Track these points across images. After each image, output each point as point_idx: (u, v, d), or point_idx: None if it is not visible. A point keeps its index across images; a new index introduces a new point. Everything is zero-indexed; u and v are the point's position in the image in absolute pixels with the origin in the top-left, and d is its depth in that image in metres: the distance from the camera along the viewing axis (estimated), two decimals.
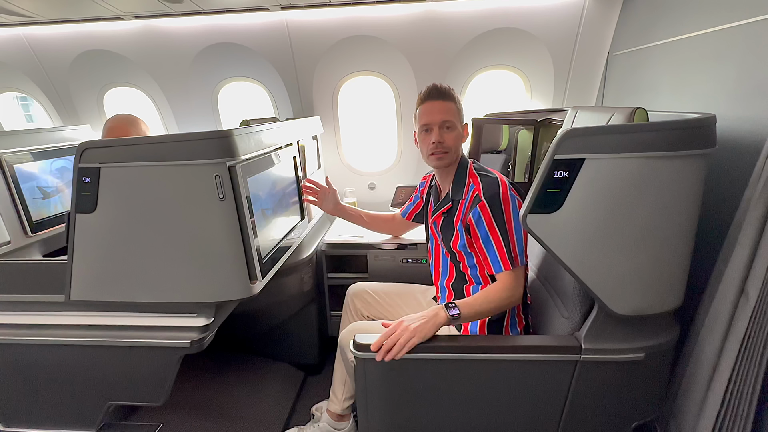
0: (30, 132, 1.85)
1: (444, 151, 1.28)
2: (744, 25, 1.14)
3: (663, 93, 1.50)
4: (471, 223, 1.24)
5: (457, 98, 1.31)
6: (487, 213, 1.20)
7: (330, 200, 1.74)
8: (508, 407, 1.15)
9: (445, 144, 1.28)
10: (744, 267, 1.02)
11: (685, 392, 1.17)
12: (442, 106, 1.28)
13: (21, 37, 2.21)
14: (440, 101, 1.28)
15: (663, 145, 0.88)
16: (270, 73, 2.25)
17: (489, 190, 1.22)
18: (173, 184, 1.10)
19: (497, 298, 1.17)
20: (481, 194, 1.22)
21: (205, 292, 1.19)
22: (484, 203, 1.21)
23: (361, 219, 1.78)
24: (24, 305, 1.32)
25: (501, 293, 1.17)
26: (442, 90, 1.29)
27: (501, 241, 1.19)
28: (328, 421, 1.51)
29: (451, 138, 1.28)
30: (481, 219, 1.21)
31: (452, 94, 1.30)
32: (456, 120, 1.29)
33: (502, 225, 1.19)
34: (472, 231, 1.25)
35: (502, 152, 1.93)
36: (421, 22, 2.00)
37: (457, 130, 1.30)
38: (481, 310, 1.16)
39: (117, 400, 1.38)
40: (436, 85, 1.29)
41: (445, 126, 1.28)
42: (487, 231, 1.21)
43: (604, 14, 1.86)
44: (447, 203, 1.34)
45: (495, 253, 1.20)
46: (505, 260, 1.19)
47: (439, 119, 1.27)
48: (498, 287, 1.19)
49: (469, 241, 1.28)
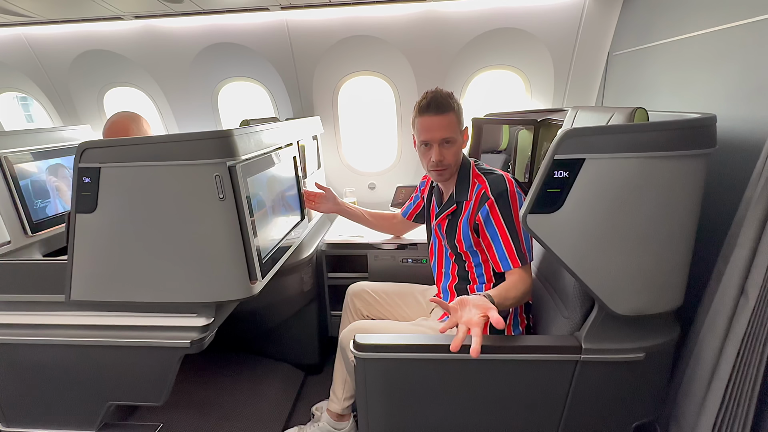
0: (30, 132, 1.85)
1: (444, 168, 1.28)
2: (744, 25, 1.14)
3: (663, 93, 1.50)
4: (480, 222, 1.24)
5: (456, 106, 1.25)
6: (495, 211, 1.20)
7: (329, 200, 1.72)
8: (508, 407, 1.15)
9: (444, 161, 1.26)
10: (744, 267, 1.02)
11: (685, 392, 1.17)
12: (441, 122, 1.23)
13: (21, 37, 2.21)
14: (439, 116, 1.22)
15: (663, 145, 0.88)
16: (270, 73, 2.25)
17: (497, 188, 1.22)
18: (173, 184, 1.10)
19: (516, 289, 1.14)
20: (488, 192, 1.22)
21: (205, 292, 1.19)
22: (493, 201, 1.21)
23: (363, 217, 1.78)
24: (24, 305, 1.31)
25: (518, 285, 1.15)
26: (441, 102, 1.22)
27: (509, 239, 1.19)
28: (329, 420, 1.51)
29: (450, 154, 1.26)
30: (490, 217, 1.21)
31: (451, 103, 1.24)
32: (455, 133, 1.26)
33: (510, 222, 1.19)
34: (481, 230, 1.24)
35: (502, 152, 1.93)
36: (421, 22, 2.00)
37: (458, 142, 1.27)
38: (508, 297, 1.11)
39: (117, 400, 1.38)
40: (435, 97, 1.23)
41: (445, 142, 1.25)
42: (496, 229, 1.20)
43: (604, 14, 1.86)
44: (452, 205, 1.33)
45: (503, 251, 1.20)
46: (513, 258, 1.19)
47: (439, 137, 1.24)
48: (514, 279, 1.17)
49: (476, 240, 1.28)
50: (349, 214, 1.76)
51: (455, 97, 1.27)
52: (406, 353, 1.10)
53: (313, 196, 1.72)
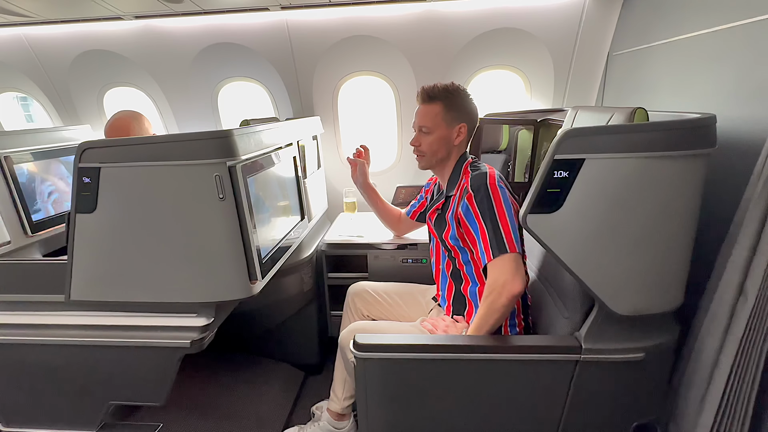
0: (30, 132, 1.85)
1: (420, 153, 1.35)
2: (744, 25, 1.14)
3: (663, 93, 1.50)
4: (461, 216, 1.25)
5: (448, 97, 1.29)
6: (473, 203, 1.21)
7: (363, 173, 1.75)
8: (508, 407, 1.15)
9: (420, 148, 1.34)
10: (743, 267, 1.02)
11: (685, 392, 1.17)
12: (422, 111, 1.32)
13: (21, 37, 2.21)
14: (423, 105, 1.31)
15: (663, 145, 0.88)
16: (270, 73, 2.25)
17: (476, 181, 1.23)
18: (173, 184, 1.10)
19: (491, 300, 1.13)
20: (468, 186, 1.24)
21: (205, 292, 1.19)
22: (471, 195, 1.22)
23: (378, 205, 1.80)
24: (24, 305, 1.32)
25: (491, 289, 1.13)
26: (429, 92, 1.30)
27: (485, 232, 1.17)
28: (329, 420, 1.51)
29: (426, 142, 1.32)
30: (469, 210, 1.22)
31: (439, 94, 1.28)
32: (433, 123, 1.30)
33: (487, 214, 1.18)
34: (463, 224, 1.26)
35: (502, 152, 1.93)
36: (421, 22, 2.00)
37: (436, 133, 1.30)
38: (486, 324, 1.14)
39: (117, 400, 1.38)
40: (423, 87, 1.31)
41: (422, 131, 1.32)
42: (475, 221, 1.21)
43: (604, 14, 1.86)
44: (441, 199, 1.37)
45: (481, 245, 1.19)
46: (488, 250, 1.16)
47: (418, 124, 1.33)
48: (487, 284, 1.15)
49: (460, 234, 1.28)
50: (370, 195, 1.78)
51: (457, 92, 1.30)
52: (406, 353, 1.10)
53: (361, 155, 1.77)
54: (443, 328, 1.28)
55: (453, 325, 1.30)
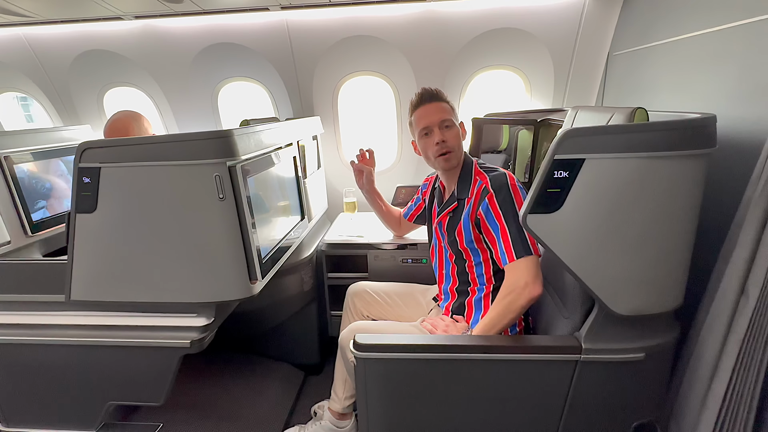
0: (30, 132, 1.85)
1: (449, 150, 1.30)
2: (744, 25, 1.14)
3: (663, 93, 1.50)
4: (481, 216, 1.24)
5: (448, 99, 1.34)
6: (494, 204, 1.21)
7: (370, 180, 1.74)
8: (508, 407, 1.15)
9: (448, 143, 1.29)
10: (744, 267, 1.02)
11: (685, 392, 1.17)
12: (437, 107, 1.30)
13: (21, 37, 2.21)
14: (434, 103, 1.30)
15: (663, 145, 0.88)
16: (270, 73, 2.25)
17: (497, 181, 1.23)
18: (173, 184, 1.10)
19: (510, 300, 1.14)
20: (489, 186, 1.23)
21: (205, 292, 1.19)
22: (492, 194, 1.21)
23: (381, 208, 1.80)
24: (24, 305, 1.32)
25: (510, 290, 1.14)
26: (433, 92, 1.32)
27: (508, 232, 1.18)
28: (330, 419, 1.51)
29: (452, 136, 1.30)
30: (490, 210, 1.21)
31: (443, 95, 1.32)
32: (453, 117, 1.31)
33: (510, 215, 1.19)
34: (483, 225, 1.24)
35: (502, 152, 1.94)
36: (421, 22, 2.00)
37: (456, 127, 1.32)
38: (497, 324, 1.15)
39: (117, 400, 1.38)
40: (425, 89, 1.32)
41: (444, 125, 1.29)
42: (496, 222, 1.20)
43: (604, 14, 1.86)
44: (453, 203, 1.34)
45: (502, 246, 1.19)
46: (510, 251, 1.17)
47: (438, 119, 1.29)
48: (506, 285, 1.16)
49: (477, 236, 1.28)
50: (373, 198, 1.77)
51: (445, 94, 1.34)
52: (406, 353, 1.10)
53: (361, 170, 1.72)
54: (443, 328, 1.28)
55: (453, 325, 1.29)
